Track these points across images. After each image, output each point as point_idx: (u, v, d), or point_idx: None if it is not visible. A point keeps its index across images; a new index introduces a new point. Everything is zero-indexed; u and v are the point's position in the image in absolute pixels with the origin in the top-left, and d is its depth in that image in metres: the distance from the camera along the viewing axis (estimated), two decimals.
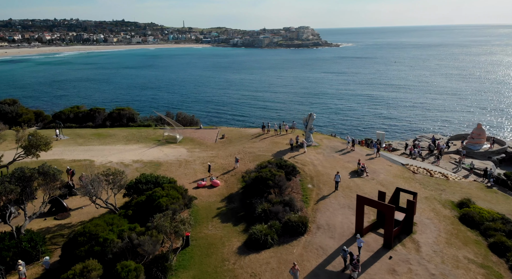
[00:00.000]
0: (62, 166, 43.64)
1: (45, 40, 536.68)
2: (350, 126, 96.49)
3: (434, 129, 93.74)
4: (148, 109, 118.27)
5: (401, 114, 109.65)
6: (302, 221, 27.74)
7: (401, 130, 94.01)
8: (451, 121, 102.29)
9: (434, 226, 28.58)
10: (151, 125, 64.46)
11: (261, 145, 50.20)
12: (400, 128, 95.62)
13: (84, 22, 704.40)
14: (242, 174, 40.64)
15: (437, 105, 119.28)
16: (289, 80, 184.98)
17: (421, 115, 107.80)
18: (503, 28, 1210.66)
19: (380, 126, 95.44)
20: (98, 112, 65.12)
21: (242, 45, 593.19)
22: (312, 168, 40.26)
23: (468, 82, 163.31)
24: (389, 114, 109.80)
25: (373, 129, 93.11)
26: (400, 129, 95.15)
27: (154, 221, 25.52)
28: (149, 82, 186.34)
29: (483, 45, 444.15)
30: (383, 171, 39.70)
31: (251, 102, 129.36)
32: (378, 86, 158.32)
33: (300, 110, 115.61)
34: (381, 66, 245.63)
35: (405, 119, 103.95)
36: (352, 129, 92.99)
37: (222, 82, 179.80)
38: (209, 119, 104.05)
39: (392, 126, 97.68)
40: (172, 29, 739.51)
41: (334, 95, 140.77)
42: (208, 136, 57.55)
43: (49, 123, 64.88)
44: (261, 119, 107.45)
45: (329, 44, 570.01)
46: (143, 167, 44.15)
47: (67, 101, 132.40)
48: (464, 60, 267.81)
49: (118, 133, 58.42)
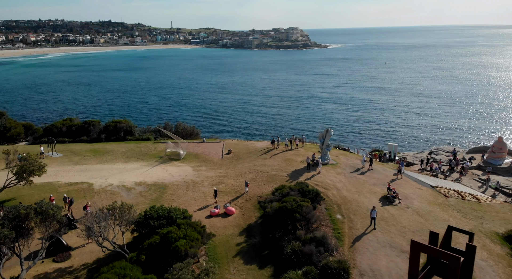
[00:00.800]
0: (57, 191, 39.61)
1: (29, 41, 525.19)
2: (353, 135, 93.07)
3: (446, 138, 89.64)
4: (140, 115, 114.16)
5: (408, 121, 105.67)
6: (343, 267, 24.11)
7: (411, 140, 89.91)
8: (464, 129, 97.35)
9: (492, 270, 25.41)
10: (150, 138, 60.49)
11: (273, 163, 46.66)
12: (410, 138, 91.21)
13: (70, 22, 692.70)
14: (257, 198, 37.09)
15: (444, 112, 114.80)
16: (282, 83, 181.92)
17: (430, 123, 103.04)
18: (488, 29, 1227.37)
19: (386, 135, 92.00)
20: (93, 125, 60.95)
21: (231, 46, 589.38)
22: (336, 192, 36.81)
23: (465, 86, 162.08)
24: (394, 121, 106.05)
25: (377, 138, 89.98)
26: (410, 139, 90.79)
27: (174, 273, 21.84)
28: (138, 85, 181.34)
29: (470, 46, 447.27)
30: (415, 196, 36.41)
31: (245, 108, 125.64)
32: (375, 89, 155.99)
33: (298, 116, 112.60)
34: (372, 68, 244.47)
35: (413, 127, 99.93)
36: (355, 139, 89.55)
37: (213, 86, 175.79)
38: (207, 128, 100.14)
39: (399, 135, 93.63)
40: (160, 30, 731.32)
41: (330, 99, 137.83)
42: (213, 152, 53.82)
43: (40, 137, 60.54)
44: (258, 125, 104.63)
45: (318, 46, 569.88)
46: (147, 190, 40.27)
47: (54, 107, 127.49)
48: (457, 61, 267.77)
49: (116, 149, 54.31)
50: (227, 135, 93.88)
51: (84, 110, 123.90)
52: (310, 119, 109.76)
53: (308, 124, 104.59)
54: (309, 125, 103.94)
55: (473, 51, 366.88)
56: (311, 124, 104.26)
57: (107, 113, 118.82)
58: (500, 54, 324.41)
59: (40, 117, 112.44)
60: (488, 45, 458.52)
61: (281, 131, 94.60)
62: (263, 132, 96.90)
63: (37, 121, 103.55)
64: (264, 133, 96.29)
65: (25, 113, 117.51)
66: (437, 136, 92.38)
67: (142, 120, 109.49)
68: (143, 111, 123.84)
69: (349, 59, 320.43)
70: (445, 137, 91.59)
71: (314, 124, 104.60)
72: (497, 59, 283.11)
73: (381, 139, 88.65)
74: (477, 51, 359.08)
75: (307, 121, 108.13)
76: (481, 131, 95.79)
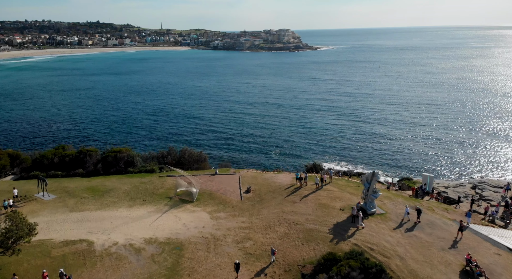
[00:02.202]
0: (51, 255, 32.43)
1: (15, 43, 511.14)
2: (367, 157, 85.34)
3: (489, 165, 78.70)
4: (136, 133, 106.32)
5: (433, 140, 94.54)
6: None
7: (442, 164, 79.79)
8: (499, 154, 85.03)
9: None
10: (155, 170, 53.31)
11: (306, 209, 39.86)
12: (439, 161, 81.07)
13: (57, 23, 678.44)
14: (299, 269, 30.23)
15: (478, 129, 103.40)
16: (277, 90, 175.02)
17: (460, 142, 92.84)
18: (475, 30, 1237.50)
19: (408, 156, 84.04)
20: (89, 155, 53.57)
21: (222, 48, 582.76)
22: (400, 263, 29.83)
23: (488, 94, 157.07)
24: (414, 138, 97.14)
25: (399, 160, 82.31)
26: (439, 162, 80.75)
27: None
28: (130, 92, 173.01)
29: (465, 47, 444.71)
30: (500, 268, 29.34)
31: (246, 120, 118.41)
32: (377, 98, 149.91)
33: (296, 128, 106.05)
34: (367, 71, 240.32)
35: (441, 147, 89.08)
36: (372, 162, 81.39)
37: (209, 93, 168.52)
38: (210, 145, 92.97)
39: (426, 157, 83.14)
40: (149, 31, 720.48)
41: (333, 110, 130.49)
42: (229, 189, 46.90)
43: (29, 169, 53.04)
44: (259, 139, 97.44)
45: (310, 47, 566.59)
46: (160, 252, 33.18)
47: (41, 120, 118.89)
48: (453, 65, 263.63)
49: (117, 187, 47.03)
50: (231, 152, 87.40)
51: (73, 123, 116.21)
52: (311, 133, 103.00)
53: (311, 138, 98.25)
54: (312, 138, 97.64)
55: (468, 53, 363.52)
56: (315, 138, 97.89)
57: (100, 126, 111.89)
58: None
59: (26, 134, 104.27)
60: (490, 46, 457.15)
61: (288, 149, 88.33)
62: (265, 147, 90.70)
63: (22, 142, 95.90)
64: (265, 148, 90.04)
65: (7, 130, 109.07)
66: (475, 160, 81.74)
67: (137, 135, 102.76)
68: (136, 124, 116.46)
69: (342, 62, 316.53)
70: (487, 163, 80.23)
71: (317, 138, 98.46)
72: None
73: (404, 162, 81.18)
74: (472, 54, 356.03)
75: (308, 134, 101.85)
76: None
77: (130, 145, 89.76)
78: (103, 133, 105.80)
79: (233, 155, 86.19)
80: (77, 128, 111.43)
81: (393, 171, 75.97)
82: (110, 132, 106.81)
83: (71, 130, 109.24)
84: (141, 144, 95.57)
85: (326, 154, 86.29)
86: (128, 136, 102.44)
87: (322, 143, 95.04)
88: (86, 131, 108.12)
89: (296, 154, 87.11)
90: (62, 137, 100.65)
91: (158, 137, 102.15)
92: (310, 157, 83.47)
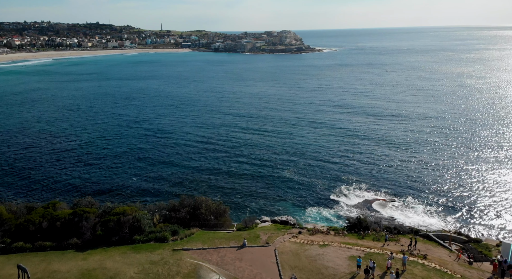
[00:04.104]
0: None
1: (14, 45, 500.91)
2: (412, 191, 75.88)
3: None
4: (138, 150, 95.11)
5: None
6: None
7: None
8: None
9: None
10: (166, 238, 42.95)
11: None
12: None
13: (56, 25, 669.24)
14: None
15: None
16: (287, 100, 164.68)
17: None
18: (475, 31, 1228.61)
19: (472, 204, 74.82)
20: (86, 218, 43.33)
21: (224, 50, 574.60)
22: None
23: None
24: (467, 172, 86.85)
25: (455, 203, 71.88)
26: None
27: None
28: (127, 105, 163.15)
29: (477, 48, 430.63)
30: None
31: (254, 140, 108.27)
32: (400, 114, 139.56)
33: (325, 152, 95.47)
34: (374, 76, 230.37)
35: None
36: (420, 198, 72.19)
37: (213, 104, 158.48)
38: (222, 181, 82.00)
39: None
40: (149, 33, 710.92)
41: (357, 129, 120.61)
42: (264, 273, 36.67)
43: (12, 235, 42.77)
44: (271, 163, 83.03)
45: (312, 49, 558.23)
46: None
47: (28, 136, 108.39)
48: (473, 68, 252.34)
49: (121, 271, 36.60)
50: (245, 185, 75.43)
51: (64, 136, 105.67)
52: (335, 155, 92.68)
53: (334, 161, 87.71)
54: (337, 163, 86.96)
55: (485, 55, 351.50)
56: (343, 163, 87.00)
57: (94, 148, 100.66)
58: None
59: (10, 162, 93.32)
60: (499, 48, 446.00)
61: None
62: (286, 183, 79.53)
63: (5, 175, 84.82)
64: (286, 184, 78.75)
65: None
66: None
67: (142, 160, 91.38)
68: (141, 142, 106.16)
69: (347, 66, 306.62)
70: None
71: (344, 162, 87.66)
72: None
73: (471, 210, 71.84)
74: (494, 56, 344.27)
75: (330, 156, 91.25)
76: None
77: (131, 185, 79.84)
78: (97, 170, 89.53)
79: (250, 191, 75.83)
80: (64, 161, 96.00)
81: (450, 219, 65.30)
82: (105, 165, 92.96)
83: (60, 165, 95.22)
84: (144, 178, 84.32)
85: (360, 189, 75.94)
86: (125, 170, 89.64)
87: (350, 169, 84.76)
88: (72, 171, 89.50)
89: (325, 188, 76.54)
90: (51, 177, 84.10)
91: (162, 164, 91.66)
92: (338, 192, 73.40)
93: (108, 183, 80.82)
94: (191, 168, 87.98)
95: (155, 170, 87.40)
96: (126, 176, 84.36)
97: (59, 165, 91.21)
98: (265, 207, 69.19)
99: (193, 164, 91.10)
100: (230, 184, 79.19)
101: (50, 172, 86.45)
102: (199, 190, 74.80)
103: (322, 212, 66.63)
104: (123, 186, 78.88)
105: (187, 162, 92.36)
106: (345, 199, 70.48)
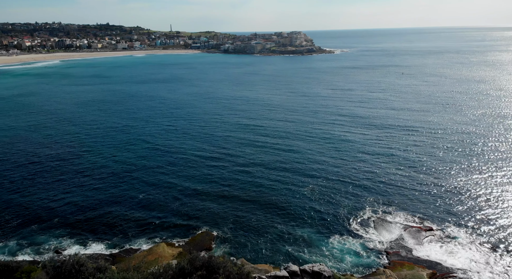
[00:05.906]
0: None
1: (24, 46, 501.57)
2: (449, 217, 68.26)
3: None
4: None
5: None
6: None
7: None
8: None
9: None
10: None
11: None
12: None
13: (67, 26, 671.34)
14: None
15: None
16: (305, 108, 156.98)
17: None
18: (482, 31, 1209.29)
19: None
20: None
21: (233, 52, 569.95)
22: None
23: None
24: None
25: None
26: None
27: None
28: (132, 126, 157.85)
29: (498, 50, 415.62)
30: None
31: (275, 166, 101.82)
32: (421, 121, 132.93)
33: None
34: (393, 79, 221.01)
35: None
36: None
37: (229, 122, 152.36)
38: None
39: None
40: (159, 34, 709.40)
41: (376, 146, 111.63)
42: None
43: None
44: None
45: (323, 51, 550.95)
46: None
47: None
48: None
49: None
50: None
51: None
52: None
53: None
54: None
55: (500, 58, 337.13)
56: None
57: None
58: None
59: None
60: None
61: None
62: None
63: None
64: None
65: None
66: None
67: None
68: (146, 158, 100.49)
69: (362, 68, 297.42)
70: None
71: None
72: None
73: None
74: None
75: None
76: None
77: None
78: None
79: (265, 217, 69.12)
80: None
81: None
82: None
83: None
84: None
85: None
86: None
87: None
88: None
89: (348, 211, 68.88)
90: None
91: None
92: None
93: (108, 211, 66.71)
94: (192, 192, 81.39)
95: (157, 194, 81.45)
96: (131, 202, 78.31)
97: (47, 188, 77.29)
98: (286, 240, 56.76)
99: (192, 185, 77.66)
100: (241, 211, 65.07)
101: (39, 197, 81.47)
102: (203, 220, 62.64)
103: (347, 242, 57.91)
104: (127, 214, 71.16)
105: (188, 182, 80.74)
106: (373, 225, 63.47)
